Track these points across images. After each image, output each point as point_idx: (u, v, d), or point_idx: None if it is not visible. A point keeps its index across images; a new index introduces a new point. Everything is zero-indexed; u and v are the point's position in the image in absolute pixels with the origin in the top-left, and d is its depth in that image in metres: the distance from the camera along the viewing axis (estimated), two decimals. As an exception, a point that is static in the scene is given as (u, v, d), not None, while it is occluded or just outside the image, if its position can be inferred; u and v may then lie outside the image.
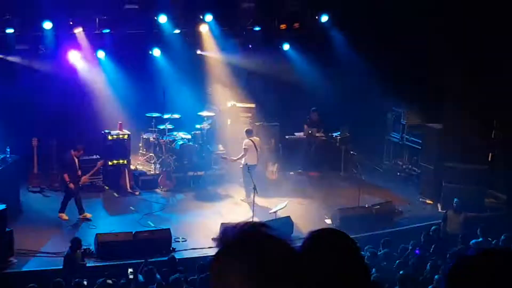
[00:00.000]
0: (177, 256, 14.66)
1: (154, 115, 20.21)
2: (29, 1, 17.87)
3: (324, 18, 21.57)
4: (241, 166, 18.87)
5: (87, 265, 14.40)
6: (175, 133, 20.39)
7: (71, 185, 17.05)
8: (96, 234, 15.34)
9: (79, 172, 17.43)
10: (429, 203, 19.13)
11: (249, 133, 19.12)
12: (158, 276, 13.07)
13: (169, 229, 15.83)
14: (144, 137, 20.76)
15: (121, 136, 19.31)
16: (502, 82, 18.61)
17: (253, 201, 16.50)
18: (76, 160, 17.36)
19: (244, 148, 18.79)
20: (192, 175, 19.77)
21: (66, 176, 17.07)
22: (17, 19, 18.10)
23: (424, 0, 19.44)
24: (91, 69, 20.00)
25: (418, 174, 20.58)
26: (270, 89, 21.66)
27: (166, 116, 20.24)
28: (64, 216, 17.29)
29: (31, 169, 18.55)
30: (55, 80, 19.24)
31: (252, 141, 18.92)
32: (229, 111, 21.29)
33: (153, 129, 20.14)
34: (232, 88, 21.55)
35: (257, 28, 21.22)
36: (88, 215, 17.28)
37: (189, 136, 20.37)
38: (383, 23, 20.45)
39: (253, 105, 21.54)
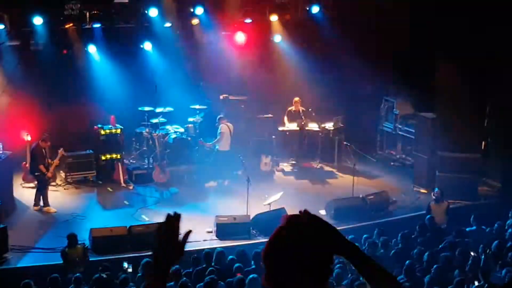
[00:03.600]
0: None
1: (146, 109, 20.16)
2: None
3: (315, 9, 21.55)
4: (208, 148, 19.63)
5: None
6: (168, 126, 20.35)
7: (49, 174, 17.21)
8: (91, 229, 15.32)
9: (49, 161, 17.50)
10: (423, 193, 19.15)
11: (223, 119, 19.48)
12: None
13: (163, 223, 15.78)
14: (137, 131, 20.70)
15: (113, 130, 19.28)
16: (495, 69, 18.65)
17: (247, 193, 16.49)
18: (44, 151, 17.40)
19: (221, 133, 19.32)
20: (186, 169, 19.75)
21: (42, 167, 17.15)
22: (7, 14, 18.04)
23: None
24: (82, 64, 19.94)
25: (412, 163, 20.59)
26: (262, 81, 21.61)
27: (158, 110, 20.19)
28: (52, 209, 17.31)
29: (25, 164, 18.49)
30: (46, 75, 19.20)
31: (228, 127, 19.28)
32: (221, 104, 21.25)
33: (146, 123, 20.09)
34: (224, 81, 21.50)
35: (248, 20, 21.19)
36: (52, 209, 17.32)
37: (182, 130, 20.35)
38: (374, 13, 20.48)
39: (245, 97, 21.56)
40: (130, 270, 13.72)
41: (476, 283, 12.13)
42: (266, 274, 2.86)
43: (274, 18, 21.53)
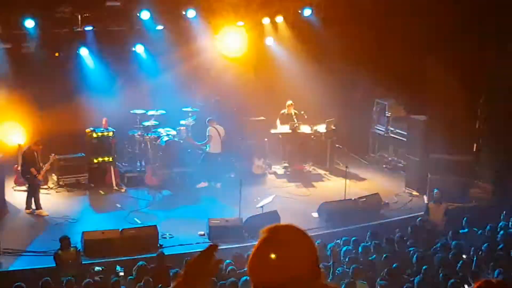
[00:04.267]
0: (165, 252, 14.63)
1: (138, 112, 20.14)
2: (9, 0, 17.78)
3: (307, 12, 21.58)
4: (195, 147, 19.73)
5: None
6: (160, 129, 20.33)
7: (40, 177, 17.15)
8: (83, 232, 15.28)
9: (40, 165, 17.47)
10: (415, 195, 19.19)
11: (212, 121, 19.52)
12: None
13: (155, 225, 15.80)
14: (129, 134, 20.69)
15: (106, 133, 19.27)
16: (486, 72, 18.71)
17: (240, 195, 16.48)
18: (36, 154, 17.38)
19: (209, 136, 19.37)
20: (178, 171, 19.73)
21: (33, 169, 17.11)
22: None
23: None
24: (74, 67, 19.91)
25: (404, 166, 20.64)
26: (255, 84, 21.63)
27: (150, 113, 20.19)
28: (44, 212, 17.28)
29: (16, 168, 18.46)
30: (38, 77, 19.15)
31: (216, 129, 19.32)
32: (214, 106, 21.26)
33: (138, 126, 20.08)
34: (216, 83, 21.51)
35: (240, 23, 21.18)
36: (45, 212, 17.29)
37: (174, 132, 20.32)
38: (365, 15, 20.53)
39: (238, 100, 21.57)
40: (121, 273, 13.70)
41: (466, 287, 12.16)
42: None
43: (266, 21, 21.56)
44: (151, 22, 19.83)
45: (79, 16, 18.88)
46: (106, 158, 19.24)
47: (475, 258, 13.31)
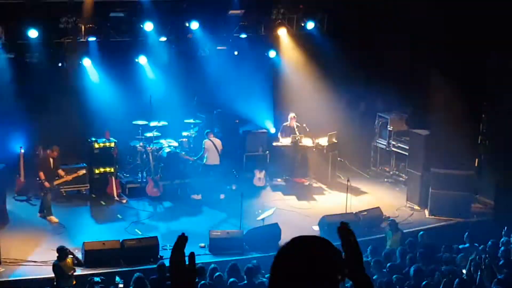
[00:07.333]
0: (165, 263, 14.59)
1: (140, 123, 20.15)
2: (13, 10, 17.80)
3: (310, 25, 21.60)
4: (191, 162, 19.80)
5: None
6: (162, 140, 20.34)
7: (47, 184, 17.13)
8: (83, 242, 15.26)
9: (57, 172, 17.48)
10: (417, 209, 19.15)
11: (208, 134, 19.55)
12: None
13: (156, 236, 15.79)
14: (131, 145, 20.70)
15: (107, 144, 19.27)
16: (489, 87, 18.73)
17: (241, 208, 16.47)
18: (52, 160, 17.37)
19: (204, 148, 19.40)
20: (179, 183, 19.73)
21: (41, 174, 17.10)
22: (2, 27, 18.03)
23: (408, 7, 19.47)
24: (77, 77, 19.92)
25: (405, 180, 20.61)
26: (256, 96, 21.63)
27: (152, 124, 20.19)
28: (54, 218, 17.28)
29: (18, 177, 18.47)
30: (41, 88, 19.17)
31: (212, 142, 19.35)
32: (216, 118, 21.27)
33: (140, 137, 20.08)
34: (218, 95, 21.51)
35: (243, 35, 21.22)
36: (55, 219, 17.25)
37: (176, 144, 20.34)
38: (369, 30, 20.57)
39: (239, 112, 21.57)
40: (121, 285, 13.66)
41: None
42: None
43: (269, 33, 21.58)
44: (154, 34, 19.87)
45: (83, 27, 18.92)
46: (107, 169, 19.25)
47: (476, 274, 13.26)
